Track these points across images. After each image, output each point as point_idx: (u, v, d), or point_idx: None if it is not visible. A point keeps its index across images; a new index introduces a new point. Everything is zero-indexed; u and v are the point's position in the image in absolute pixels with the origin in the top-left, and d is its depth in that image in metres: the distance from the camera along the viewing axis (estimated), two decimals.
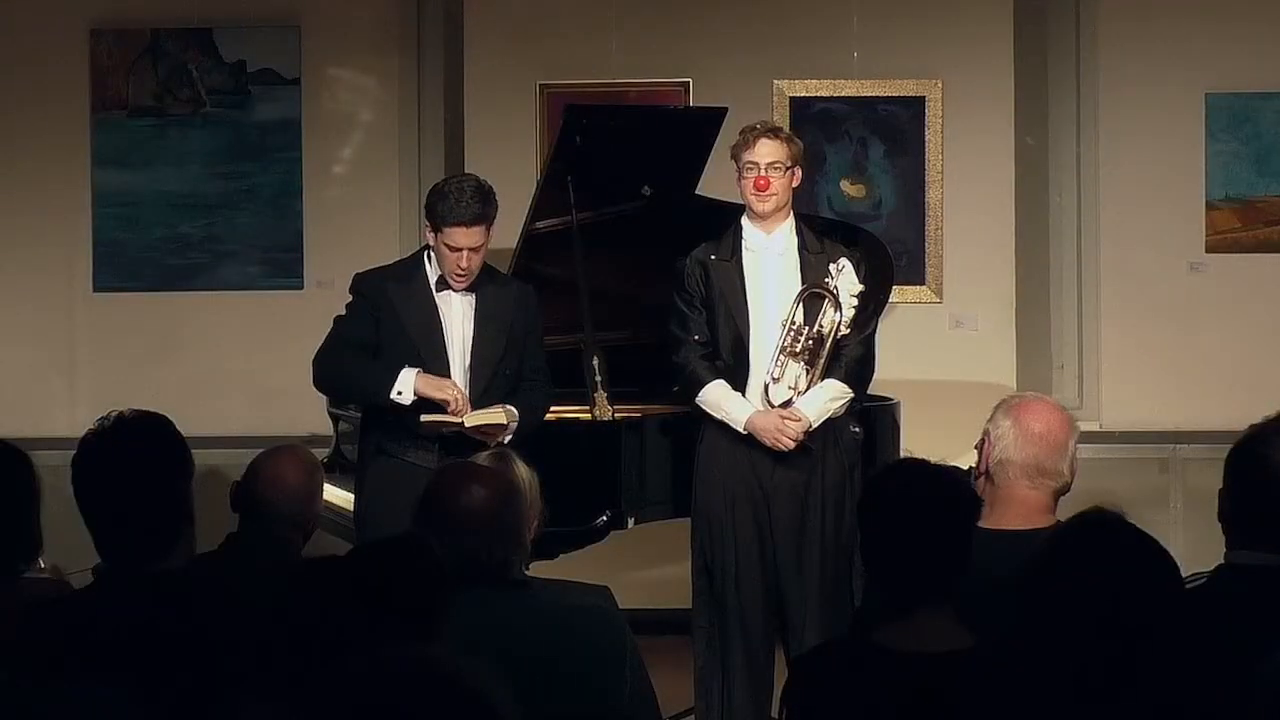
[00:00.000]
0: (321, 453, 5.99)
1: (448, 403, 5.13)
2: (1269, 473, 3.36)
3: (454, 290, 5.26)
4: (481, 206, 5.18)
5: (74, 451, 3.20)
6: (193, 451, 3.24)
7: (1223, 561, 3.39)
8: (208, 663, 2.97)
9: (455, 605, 3.19)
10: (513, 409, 5.21)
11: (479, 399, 5.23)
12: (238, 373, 7.76)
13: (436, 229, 5.20)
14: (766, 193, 5.35)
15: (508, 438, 5.14)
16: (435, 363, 5.22)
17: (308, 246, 7.78)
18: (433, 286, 5.29)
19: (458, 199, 5.16)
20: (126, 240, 7.82)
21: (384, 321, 5.28)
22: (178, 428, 3.25)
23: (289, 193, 7.80)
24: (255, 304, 7.80)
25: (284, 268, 7.80)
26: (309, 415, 6.90)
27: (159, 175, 7.81)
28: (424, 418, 5.15)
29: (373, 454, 5.33)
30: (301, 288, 7.77)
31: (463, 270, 5.20)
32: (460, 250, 5.17)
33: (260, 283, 7.81)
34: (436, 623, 2.83)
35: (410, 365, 5.19)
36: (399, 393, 5.15)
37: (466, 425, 5.14)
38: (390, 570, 2.84)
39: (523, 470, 3.93)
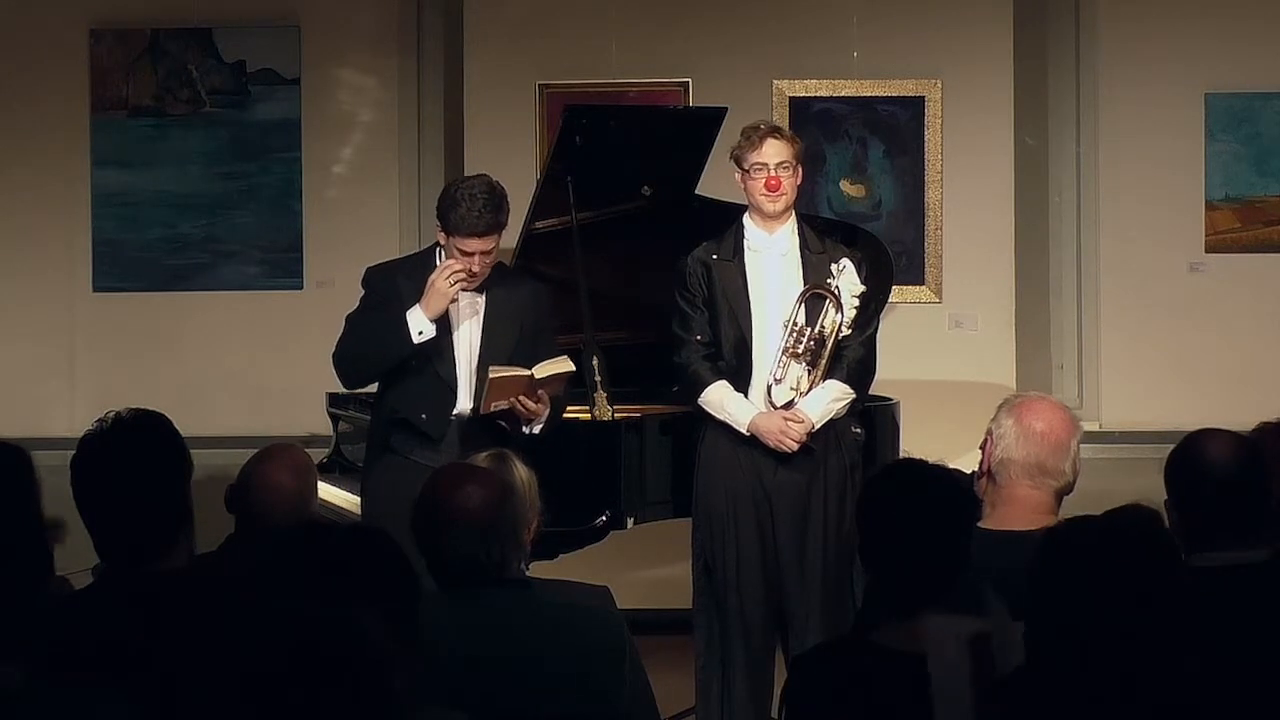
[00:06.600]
0: (321, 453, 5.99)
1: (448, 272, 5.08)
2: (1202, 472, 3.38)
3: (463, 289, 5.23)
4: (494, 215, 5.13)
5: (73, 452, 3.19)
6: (192, 451, 3.24)
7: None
8: (206, 663, 2.97)
9: (455, 605, 3.19)
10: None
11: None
12: (237, 373, 7.76)
13: (448, 234, 5.18)
14: (778, 193, 5.34)
15: (538, 428, 5.16)
16: (440, 360, 5.21)
17: (307, 246, 7.78)
18: None
19: (469, 208, 5.09)
20: (126, 240, 7.82)
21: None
22: (177, 428, 3.24)
23: (289, 193, 7.80)
24: (255, 304, 7.80)
25: (284, 268, 7.80)
26: (309, 415, 6.90)
27: (158, 175, 7.81)
28: (492, 373, 5.09)
29: (378, 452, 5.32)
30: (301, 288, 7.77)
31: (473, 274, 5.19)
32: (472, 255, 5.15)
33: (260, 283, 7.81)
34: (407, 614, 2.81)
35: (415, 361, 5.18)
36: (419, 333, 5.12)
37: (537, 376, 5.12)
38: (352, 555, 2.83)
39: (521, 471, 3.92)
